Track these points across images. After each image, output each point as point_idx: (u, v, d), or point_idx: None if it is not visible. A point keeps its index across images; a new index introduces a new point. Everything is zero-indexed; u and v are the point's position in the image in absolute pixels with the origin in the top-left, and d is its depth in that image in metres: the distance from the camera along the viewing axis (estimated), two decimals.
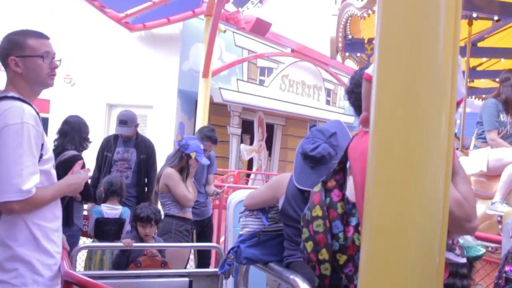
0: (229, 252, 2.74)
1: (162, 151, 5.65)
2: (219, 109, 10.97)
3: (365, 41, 6.51)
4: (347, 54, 6.88)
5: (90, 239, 4.29)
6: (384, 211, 1.17)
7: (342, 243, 1.77)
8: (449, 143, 1.19)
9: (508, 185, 3.74)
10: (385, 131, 1.19)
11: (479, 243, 2.16)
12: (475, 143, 4.27)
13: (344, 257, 1.77)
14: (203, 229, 4.87)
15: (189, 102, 10.50)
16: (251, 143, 12.24)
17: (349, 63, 8.08)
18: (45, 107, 9.87)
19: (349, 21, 5.98)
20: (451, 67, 1.18)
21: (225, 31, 10.44)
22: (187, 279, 3.33)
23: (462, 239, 2.15)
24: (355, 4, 5.02)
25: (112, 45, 10.13)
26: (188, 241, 4.16)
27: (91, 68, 10.20)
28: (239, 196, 3.54)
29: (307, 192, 2.31)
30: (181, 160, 4.12)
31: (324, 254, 1.80)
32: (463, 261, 1.76)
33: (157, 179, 4.24)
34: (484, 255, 2.22)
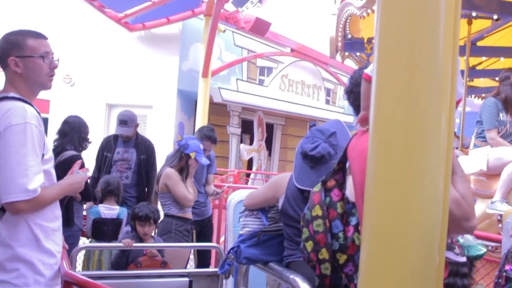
0: (229, 252, 2.74)
1: (161, 151, 5.65)
2: (218, 109, 10.97)
3: (365, 41, 6.50)
4: (346, 53, 6.88)
5: (88, 239, 4.28)
6: (384, 211, 1.17)
7: (342, 242, 1.77)
8: (448, 143, 1.19)
9: (508, 184, 3.74)
10: (384, 131, 1.18)
11: (480, 242, 2.16)
12: (475, 142, 4.27)
13: (344, 257, 1.77)
14: (203, 229, 4.87)
15: (188, 102, 10.50)
16: (251, 143, 12.24)
17: (349, 62, 8.07)
18: (45, 107, 9.87)
19: (348, 21, 5.98)
20: (450, 67, 1.18)
21: (224, 31, 10.43)
22: (187, 279, 3.33)
23: (462, 239, 2.15)
24: (354, 3, 5.02)
25: (111, 45, 10.12)
26: (188, 241, 4.16)
27: (91, 68, 10.20)
28: (239, 196, 3.54)
29: (307, 191, 2.31)
30: (181, 160, 4.12)
31: (324, 253, 1.80)
32: (462, 260, 1.76)
33: (157, 179, 4.24)
34: (485, 254, 2.22)
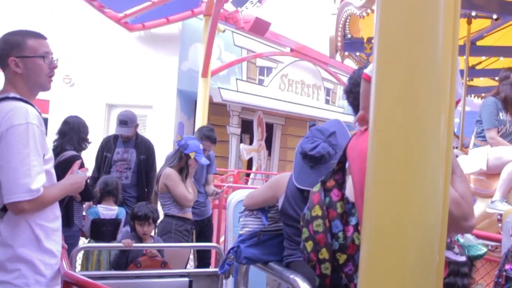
0: (229, 252, 2.74)
1: (161, 151, 5.65)
2: (218, 109, 10.97)
3: (364, 40, 6.51)
4: (346, 53, 6.89)
5: (87, 240, 4.28)
6: (383, 211, 1.17)
7: (341, 242, 1.77)
8: (448, 143, 1.19)
9: (507, 184, 3.74)
10: (384, 131, 1.18)
11: (480, 242, 2.16)
12: (475, 142, 4.27)
13: (344, 257, 1.77)
14: (203, 229, 4.87)
15: (188, 102, 10.50)
16: (251, 142, 12.24)
17: (349, 62, 8.08)
18: (45, 107, 9.87)
19: (348, 20, 5.99)
20: (450, 66, 1.18)
21: (224, 31, 10.43)
22: (187, 279, 3.33)
23: (463, 238, 2.15)
24: (354, 3, 5.03)
25: (111, 45, 10.13)
26: (188, 241, 4.16)
27: (91, 68, 10.20)
28: (239, 195, 3.53)
29: (306, 191, 2.31)
30: (181, 160, 4.12)
31: (324, 253, 1.80)
32: (462, 259, 1.76)
33: (156, 179, 4.23)
34: (485, 254, 2.22)
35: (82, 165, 2.46)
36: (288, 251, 2.50)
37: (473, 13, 5.29)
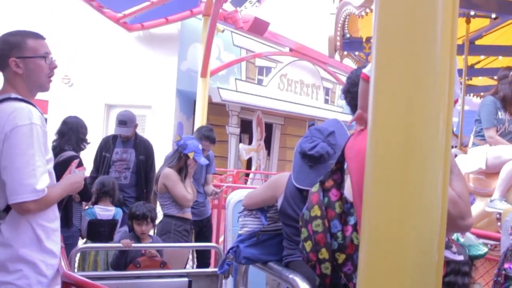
0: (228, 252, 2.74)
1: (160, 151, 5.65)
2: (217, 109, 10.96)
3: (363, 40, 6.51)
4: (345, 53, 6.89)
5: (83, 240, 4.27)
6: (382, 211, 1.17)
7: (340, 242, 1.77)
8: (447, 142, 1.19)
9: (506, 183, 3.74)
10: (383, 131, 1.18)
11: (481, 242, 2.16)
12: (474, 141, 4.27)
13: (342, 256, 1.77)
14: (202, 229, 4.87)
15: (187, 102, 10.50)
16: (250, 142, 12.24)
17: (348, 62, 8.08)
18: (44, 107, 9.87)
19: (347, 20, 5.98)
20: (448, 66, 1.18)
21: (223, 31, 10.43)
22: (186, 279, 3.33)
23: (463, 238, 2.15)
24: (353, 2, 5.03)
25: (110, 45, 10.12)
26: (187, 241, 4.16)
27: (89, 68, 10.20)
28: (238, 195, 3.53)
29: (305, 191, 2.31)
30: (180, 160, 4.12)
31: (324, 253, 1.81)
32: (459, 258, 1.76)
33: (155, 180, 4.23)
34: (486, 254, 2.22)
35: (79, 165, 2.46)
36: (287, 251, 2.50)
37: (472, 12, 5.29)
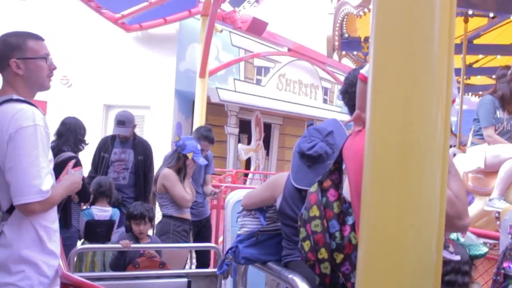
0: (227, 252, 2.74)
1: (159, 151, 5.65)
2: (216, 109, 10.96)
3: (362, 40, 6.51)
4: (343, 52, 6.89)
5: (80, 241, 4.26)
6: (381, 210, 1.17)
7: (339, 242, 1.78)
8: (445, 142, 1.19)
9: (505, 182, 3.75)
10: (381, 129, 1.18)
11: (482, 242, 2.17)
12: (472, 140, 4.27)
13: (341, 256, 1.78)
14: (201, 229, 4.87)
15: (186, 102, 10.49)
16: (249, 142, 12.24)
17: (346, 61, 8.07)
18: (42, 108, 9.78)
19: (345, 20, 5.98)
20: (446, 65, 1.18)
21: (221, 31, 10.43)
22: (185, 279, 3.33)
23: (464, 238, 2.15)
24: (351, 2, 5.03)
25: (108, 46, 10.12)
26: (186, 242, 4.16)
27: (88, 69, 10.19)
28: (237, 196, 3.53)
29: (304, 191, 2.31)
30: (179, 160, 4.12)
31: (323, 253, 1.81)
32: (456, 258, 1.76)
33: (154, 180, 4.23)
34: (486, 254, 2.22)
35: (76, 165, 2.46)
36: (286, 251, 2.50)
37: (470, 12, 5.30)
